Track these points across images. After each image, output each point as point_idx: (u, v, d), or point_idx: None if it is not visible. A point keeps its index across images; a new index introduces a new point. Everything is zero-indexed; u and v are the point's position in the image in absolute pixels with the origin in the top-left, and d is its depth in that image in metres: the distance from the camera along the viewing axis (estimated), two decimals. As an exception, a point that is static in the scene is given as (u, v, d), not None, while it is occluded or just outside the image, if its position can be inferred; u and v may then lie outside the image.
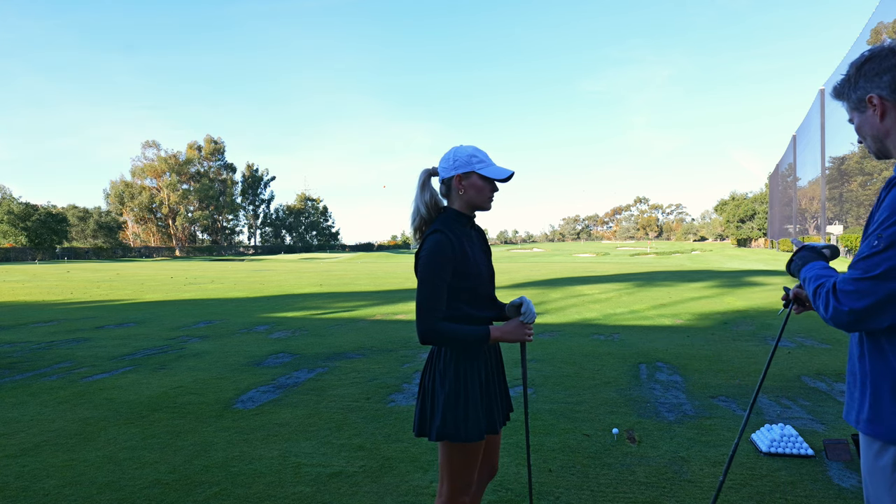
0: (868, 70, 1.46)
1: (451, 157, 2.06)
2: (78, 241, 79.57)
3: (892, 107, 1.44)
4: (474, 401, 1.99)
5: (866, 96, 1.47)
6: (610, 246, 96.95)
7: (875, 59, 1.45)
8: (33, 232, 66.64)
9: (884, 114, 1.45)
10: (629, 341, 7.44)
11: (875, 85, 1.45)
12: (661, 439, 3.88)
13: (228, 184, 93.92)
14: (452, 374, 1.99)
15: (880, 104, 1.45)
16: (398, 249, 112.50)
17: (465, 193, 2.06)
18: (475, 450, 2.01)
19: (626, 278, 18.41)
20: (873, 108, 1.46)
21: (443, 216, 2.07)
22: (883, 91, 1.44)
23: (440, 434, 1.97)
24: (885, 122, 1.45)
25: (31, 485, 3.32)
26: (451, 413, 1.97)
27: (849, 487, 3.10)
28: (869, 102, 1.46)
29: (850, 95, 1.52)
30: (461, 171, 2.04)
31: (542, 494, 3.10)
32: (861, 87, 1.48)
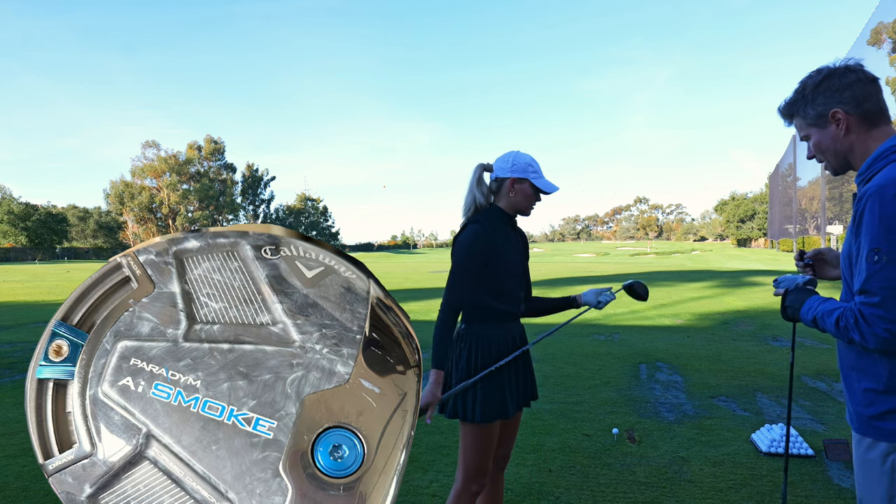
0: (828, 87, 1.48)
1: (510, 160, 2.21)
2: (78, 241, 79.60)
3: (856, 122, 1.47)
4: (488, 386, 2.11)
5: (829, 111, 1.49)
6: (610, 246, 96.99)
7: (835, 75, 1.48)
8: (33, 232, 66.68)
9: (848, 129, 1.48)
10: (629, 341, 7.44)
11: (837, 100, 1.47)
12: (661, 439, 3.88)
13: (228, 184, 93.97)
14: (465, 360, 2.13)
15: (845, 119, 1.47)
16: (398, 249, 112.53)
17: (515, 196, 2.22)
18: (488, 432, 2.12)
19: (627, 278, 18.43)
20: (837, 123, 1.49)
21: (487, 211, 2.22)
22: (847, 106, 1.46)
23: (451, 412, 2.12)
24: (850, 136, 1.49)
25: (31, 485, 3.32)
26: (461, 395, 2.10)
27: (849, 487, 3.10)
28: (832, 118, 1.49)
29: (807, 112, 1.53)
30: (517, 175, 2.20)
31: (542, 494, 3.10)
32: (821, 104, 1.50)
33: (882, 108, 1.49)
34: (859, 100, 1.47)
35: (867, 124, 1.48)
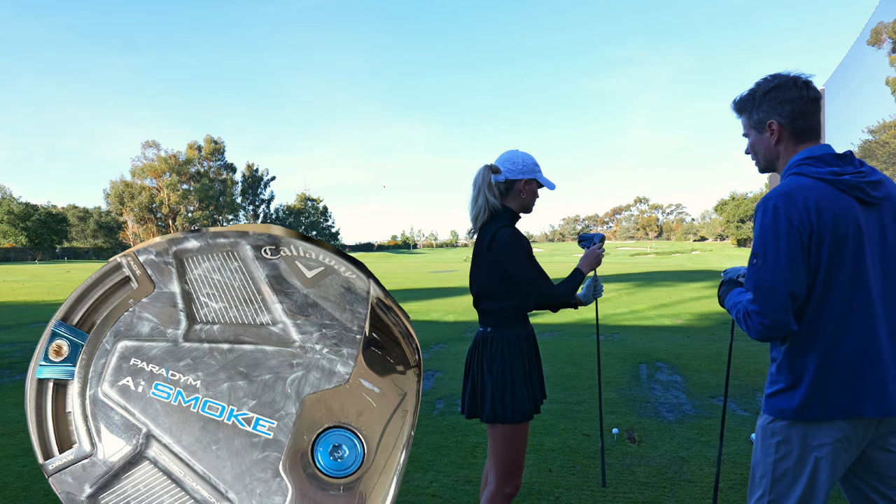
0: (773, 97, 1.64)
1: (518, 161, 2.22)
2: (78, 241, 79.59)
3: (787, 135, 1.65)
4: (519, 385, 2.12)
5: (767, 121, 1.66)
6: (610, 246, 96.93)
7: (782, 87, 1.63)
8: (33, 232, 66.67)
9: (779, 139, 1.66)
10: (629, 341, 7.44)
11: (777, 112, 1.64)
12: (661, 439, 3.88)
13: (228, 184, 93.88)
14: (499, 362, 2.13)
15: (778, 130, 1.65)
16: (398, 249, 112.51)
17: (526, 197, 2.24)
18: (523, 431, 2.14)
19: (626, 278, 18.43)
20: (771, 132, 1.66)
21: (504, 215, 2.21)
22: (783, 120, 1.64)
23: (490, 417, 2.11)
24: (778, 146, 1.67)
25: (31, 485, 3.32)
26: (500, 397, 2.10)
27: (849, 487, 3.10)
28: (769, 127, 1.66)
29: (752, 115, 1.70)
30: (528, 176, 2.22)
31: (542, 494, 3.10)
32: (764, 111, 1.66)
33: (813, 127, 1.65)
34: (795, 116, 1.63)
35: (796, 139, 1.65)
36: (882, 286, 1.57)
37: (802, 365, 1.57)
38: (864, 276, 1.54)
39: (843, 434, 1.55)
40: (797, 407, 1.57)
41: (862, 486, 1.66)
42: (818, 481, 1.57)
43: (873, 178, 1.57)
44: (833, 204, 1.52)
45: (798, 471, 1.58)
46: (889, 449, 1.61)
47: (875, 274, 1.56)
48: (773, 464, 1.62)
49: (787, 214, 1.52)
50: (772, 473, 1.62)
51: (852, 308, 1.54)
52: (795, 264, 1.52)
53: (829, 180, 1.54)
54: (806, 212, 1.52)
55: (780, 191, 1.57)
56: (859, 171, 1.57)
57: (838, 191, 1.54)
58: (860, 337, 1.54)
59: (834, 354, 1.54)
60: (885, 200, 1.59)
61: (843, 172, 1.55)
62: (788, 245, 1.52)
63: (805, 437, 1.57)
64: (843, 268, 1.53)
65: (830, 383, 1.54)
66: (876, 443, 1.61)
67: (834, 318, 1.54)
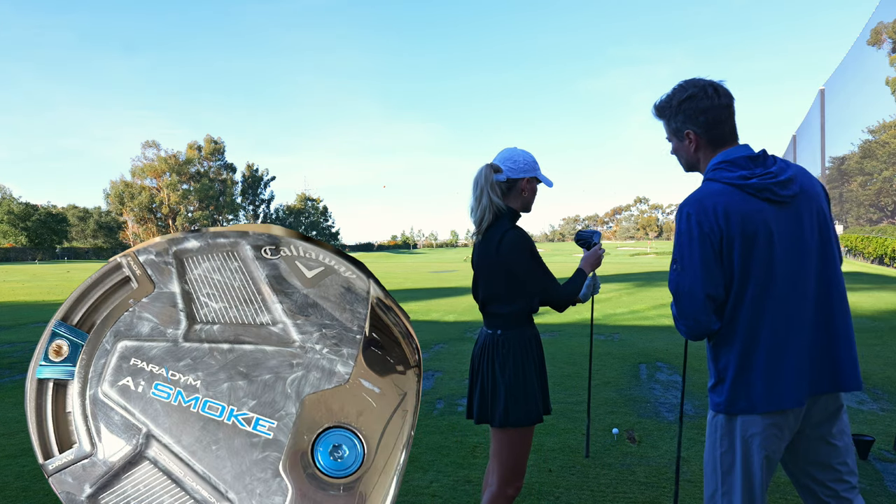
0: (688, 107, 1.73)
1: (519, 159, 2.20)
2: (78, 241, 79.57)
3: (704, 143, 1.74)
4: (532, 387, 2.11)
5: (685, 130, 1.75)
6: (610, 246, 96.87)
7: (695, 97, 1.71)
8: (33, 232, 66.66)
9: (697, 147, 1.76)
10: (629, 341, 7.44)
11: (693, 123, 1.73)
12: (661, 439, 3.88)
13: (228, 184, 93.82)
14: (511, 365, 2.10)
15: (695, 139, 1.75)
16: (398, 249, 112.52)
17: (527, 196, 2.23)
18: (530, 434, 2.14)
19: (626, 278, 18.43)
20: (689, 141, 1.76)
21: (508, 216, 2.19)
22: (699, 129, 1.73)
23: (502, 421, 2.08)
24: (697, 153, 1.77)
25: (31, 485, 3.32)
26: (513, 400, 2.08)
27: (849, 487, 3.10)
28: (686, 136, 1.76)
29: (670, 123, 1.80)
30: (530, 174, 2.20)
31: (542, 494, 3.10)
32: (680, 121, 1.76)
33: (728, 132, 1.73)
34: (710, 125, 1.72)
35: (713, 146, 1.74)
36: (800, 281, 1.65)
37: (725, 361, 1.67)
38: (777, 274, 1.62)
39: (773, 422, 1.64)
40: (727, 401, 1.67)
41: (812, 486, 1.74)
42: (754, 470, 1.66)
43: (783, 178, 1.64)
44: (741, 207, 1.61)
45: (739, 461, 1.67)
46: (830, 441, 1.71)
47: (792, 269, 1.63)
48: (720, 457, 1.71)
49: (698, 221, 1.62)
50: (720, 467, 1.71)
51: (766, 306, 1.62)
52: (709, 268, 1.61)
53: (738, 185, 1.63)
54: (715, 217, 1.61)
55: (693, 197, 1.67)
56: (768, 173, 1.64)
57: (747, 194, 1.62)
58: (776, 332, 1.63)
59: (752, 350, 1.63)
60: (798, 197, 1.66)
61: (752, 175, 1.64)
62: (702, 250, 1.61)
63: (739, 429, 1.66)
64: (755, 268, 1.61)
65: (750, 378, 1.64)
66: (816, 432, 1.71)
67: (749, 316, 1.63)
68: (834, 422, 1.72)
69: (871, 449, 3.54)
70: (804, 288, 1.65)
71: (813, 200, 1.69)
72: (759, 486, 1.67)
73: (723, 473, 1.71)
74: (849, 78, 28.65)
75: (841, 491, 1.70)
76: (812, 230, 1.67)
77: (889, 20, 26.53)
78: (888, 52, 27.68)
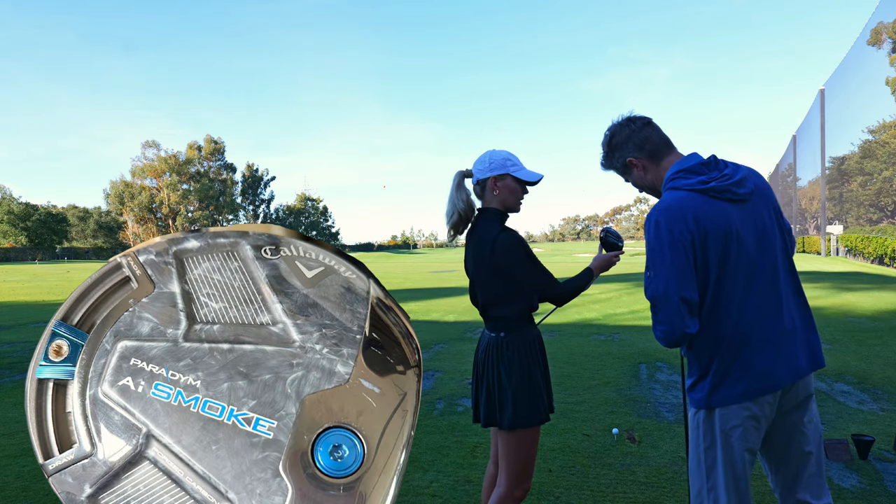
0: (616, 143, 1.89)
1: (486, 159, 2.19)
2: (78, 241, 79.56)
3: (647, 161, 1.86)
4: (538, 388, 2.13)
5: (626, 160, 1.88)
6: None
7: (617, 133, 1.88)
8: (33, 232, 66.64)
9: (644, 168, 1.87)
10: (629, 341, 7.44)
11: (627, 151, 1.87)
12: (661, 439, 3.88)
13: (228, 184, 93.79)
14: (517, 367, 2.10)
15: (639, 162, 1.86)
16: (398, 249, 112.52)
17: (500, 194, 2.19)
18: (537, 434, 2.15)
19: (626, 278, 18.42)
20: (636, 167, 1.88)
21: (491, 214, 2.19)
22: (635, 152, 1.86)
23: (511, 423, 2.08)
24: (648, 174, 1.87)
25: (31, 485, 3.32)
26: (522, 402, 2.09)
27: (849, 487, 3.10)
28: (630, 164, 1.88)
29: (615, 164, 1.93)
30: (496, 172, 2.16)
31: (542, 494, 3.10)
32: (619, 157, 1.89)
33: (662, 141, 1.85)
34: (640, 144, 1.85)
35: (655, 160, 1.85)
36: (770, 272, 1.73)
37: (708, 356, 1.73)
38: (749, 269, 1.70)
39: (751, 413, 1.71)
40: (708, 395, 1.73)
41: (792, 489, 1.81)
42: (737, 463, 1.72)
43: (738, 177, 1.74)
44: (706, 210, 1.68)
45: (721, 455, 1.72)
46: (802, 430, 1.79)
47: (761, 262, 1.72)
48: (703, 453, 1.76)
49: (668, 227, 1.68)
50: (704, 463, 1.76)
51: (743, 300, 1.69)
52: (682, 272, 1.67)
53: (699, 189, 1.71)
54: (684, 222, 1.67)
55: (660, 206, 1.74)
56: (724, 175, 1.73)
57: (709, 197, 1.70)
58: (753, 324, 1.70)
59: (731, 345, 1.70)
60: (753, 194, 1.75)
61: (710, 179, 1.72)
62: (672, 255, 1.67)
63: (718, 423, 1.72)
64: (727, 265, 1.68)
65: (730, 370, 1.70)
66: (789, 419, 1.78)
67: (727, 312, 1.70)
68: (805, 411, 1.80)
69: (871, 449, 3.54)
70: (774, 278, 1.74)
71: (767, 197, 1.80)
72: (742, 478, 1.73)
73: (707, 469, 1.76)
74: (849, 78, 28.63)
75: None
76: (772, 223, 1.78)
77: (889, 20, 26.52)
78: (888, 52, 27.67)
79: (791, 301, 1.78)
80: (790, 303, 1.77)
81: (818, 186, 32.84)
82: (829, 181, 32.53)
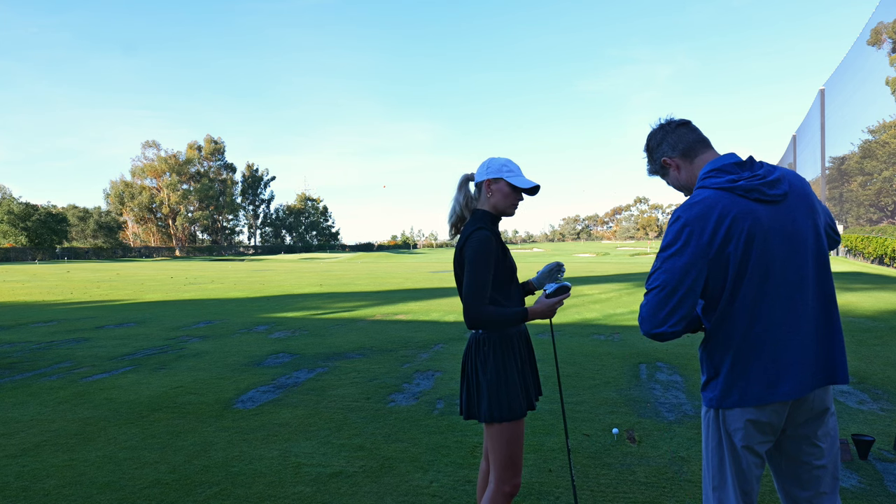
0: (653, 145, 1.95)
1: (486, 164, 2.31)
2: (78, 241, 79.54)
3: (680, 160, 1.89)
4: (513, 384, 2.17)
5: (661, 160, 1.93)
6: (610, 246, 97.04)
7: (653, 138, 1.94)
8: (33, 232, 66.60)
9: (678, 167, 1.90)
10: (629, 341, 7.44)
11: (662, 152, 1.92)
12: (661, 439, 3.88)
13: (228, 184, 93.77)
14: (492, 362, 2.17)
15: (673, 163, 1.90)
16: (398, 249, 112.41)
17: (493, 197, 2.28)
18: (519, 428, 2.19)
19: (626, 278, 18.41)
20: (671, 167, 1.92)
21: (478, 214, 2.27)
22: (670, 153, 1.90)
23: (487, 417, 2.16)
24: (682, 172, 1.90)
25: (31, 485, 3.32)
26: (495, 397, 2.16)
27: (849, 487, 3.10)
28: (666, 165, 1.92)
29: (655, 168, 1.97)
30: (491, 176, 2.27)
31: (542, 494, 3.10)
32: (657, 159, 1.95)
33: (696, 140, 1.88)
34: (674, 145, 1.89)
35: (689, 159, 1.88)
36: (798, 275, 1.70)
37: (720, 357, 1.73)
38: (773, 270, 1.67)
39: (755, 418, 1.70)
40: (719, 396, 1.73)
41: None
42: (742, 462, 1.72)
43: (771, 178, 1.72)
44: (732, 209, 1.67)
45: (727, 454, 1.74)
46: (815, 443, 1.77)
47: (789, 265, 1.69)
48: (712, 451, 1.78)
49: (688, 226, 1.69)
50: (713, 461, 1.77)
51: (763, 302, 1.67)
52: (687, 272, 1.68)
53: (727, 188, 1.70)
54: (707, 220, 1.67)
55: (686, 203, 1.75)
56: (755, 175, 1.72)
57: (737, 196, 1.69)
58: (773, 327, 1.68)
59: (747, 346, 1.69)
60: (788, 195, 1.73)
61: (740, 178, 1.71)
62: (690, 252, 1.67)
63: (723, 423, 1.74)
64: (749, 265, 1.66)
65: (744, 373, 1.69)
66: (800, 432, 1.77)
67: (745, 312, 1.68)
68: (820, 424, 1.77)
69: (871, 449, 3.54)
70: (803, 282, 1.70)
71: (803, 198, 1.76)
72: (748, 479, 1.73)
73: (715, 467, 1.77)
74: (849, 78, 28.62)
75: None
76: (807, 226, 1.73)
77: (889, 20, 26.50)
78: (888, 52, 27.64)
79: (814, 311, 1.72)
80: (812, 312, 1.72)
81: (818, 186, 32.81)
82: (829, 181, 32.53)
